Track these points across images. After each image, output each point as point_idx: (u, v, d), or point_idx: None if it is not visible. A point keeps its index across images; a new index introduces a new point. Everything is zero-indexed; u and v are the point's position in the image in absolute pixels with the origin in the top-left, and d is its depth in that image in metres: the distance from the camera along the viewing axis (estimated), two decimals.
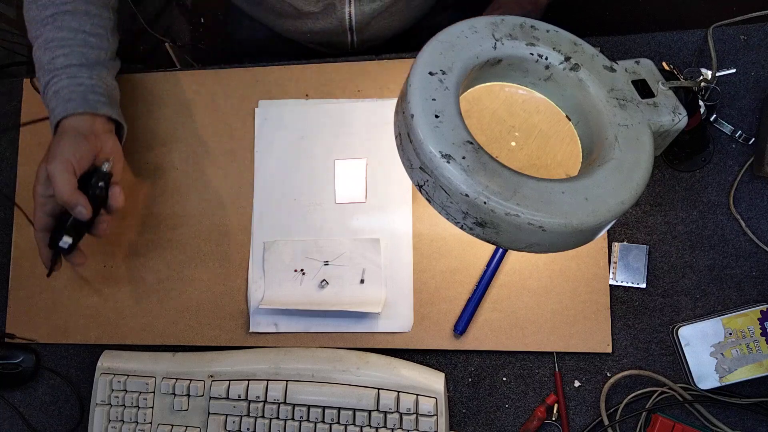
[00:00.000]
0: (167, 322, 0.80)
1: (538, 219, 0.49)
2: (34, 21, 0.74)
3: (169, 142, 0.84)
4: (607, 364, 0.73)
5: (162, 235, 0.82)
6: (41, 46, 0.73)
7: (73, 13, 0.74)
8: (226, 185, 0.82)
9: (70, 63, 0.72)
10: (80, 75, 0.72)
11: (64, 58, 0.72)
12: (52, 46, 0.72)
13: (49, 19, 0.73)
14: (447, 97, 0.53)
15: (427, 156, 0.50)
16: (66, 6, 0.74)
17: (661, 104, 0.59)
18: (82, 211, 0.66)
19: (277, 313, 0.78)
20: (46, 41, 0.73)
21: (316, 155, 0.80)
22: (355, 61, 0.82)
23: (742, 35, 0.76)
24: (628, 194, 0.52)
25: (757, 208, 0.73)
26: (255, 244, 0.80)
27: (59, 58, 0.72)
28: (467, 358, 0.76)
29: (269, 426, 0.74)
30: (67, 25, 0.73)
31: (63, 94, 0.70)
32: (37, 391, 0.83)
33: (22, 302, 0.84)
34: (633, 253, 0.74)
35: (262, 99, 0.83)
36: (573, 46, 0.60)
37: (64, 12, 0.73)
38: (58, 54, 0.72)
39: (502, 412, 0.74)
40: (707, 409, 0.71)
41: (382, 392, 0.72)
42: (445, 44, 0.55)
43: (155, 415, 0.77)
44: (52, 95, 0.71)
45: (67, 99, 0.70)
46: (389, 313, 0.76)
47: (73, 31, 0.73)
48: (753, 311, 0.69)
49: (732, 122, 0.74)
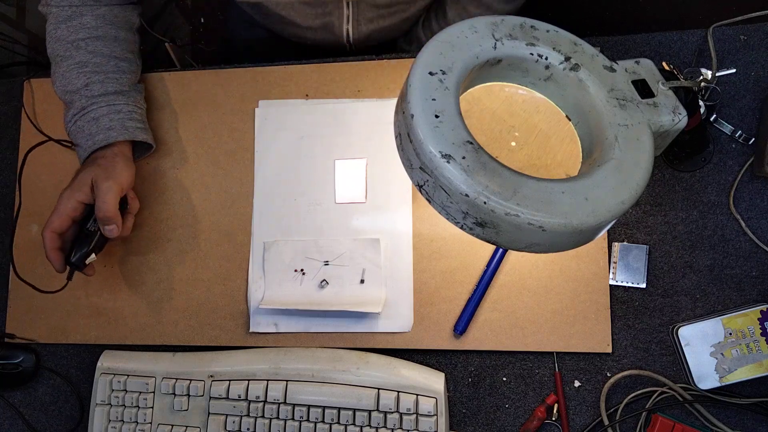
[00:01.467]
0: (167, 322, 0.80)
1: (538, 219, 0.49)
2: (62, 41, 0.78)
3: (169, 142, 0.84)
4: (607, 364, 0.73)
5: (162, 235, 0.82)
6: (72, 68, 0.77)
7: (105, 39, 0.78)
8: (226, 185, 0.82)
9: (106, 91, 0.77)
10: (118, 102, 0.77)
11: (101, 85, 0.76)
12: (86, 71, 0.76)
13: (81, 42, 0.77)
14: (447, 97, 0.53)
15: (427, 156, 0.50)
16: (97, 31, 0.78)
17: (661, 104, 0.59)
18: (114, 229, 0.72)
19: (277, 313, 0.78)
20: (79, 64, 0.77)
21: (316, 155, 0.80)
22: (355, 61, 0.82)
23: (742, 35, 0.76)
24: (628, 194, 0.52)
25: (757, 208, 0.73)
26: (255, 244, 0.80)
27: (95, 84, 0.76)
28: (467, 358, 0.76)
29: (269, 426, 0.74)
30: (99, 51, 0.77)
31: (103, 122, 0.76)
32: (37, 391, 0.83)
33: (22, 302, 0.84)
34: (633, 253, 0.74)
35: (262, 99, 0.83)
36: (573, 46, 0.60)
37: (96, 37, 0.77)
38: (94, 80, 0.76)
39: (502, 412, 0.74)
40: (707, 409, 0.71)
41: (382, 392, 0.72)
42: (445, 44, 0.55)
43: (155, 415, 0.77)
44: (91, 121, 0.76)
45: (108, 128, 0.75)
46: (389, 313, 0.76)
47: (106, 57, 0.78)
48: (753, 311, 0.69)
49: (732, 122, 0.74)
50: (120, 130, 0.75)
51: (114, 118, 0.76)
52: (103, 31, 0.78)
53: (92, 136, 0.75)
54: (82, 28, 0.77)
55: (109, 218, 0.71)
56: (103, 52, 0.77)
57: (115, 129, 0.75)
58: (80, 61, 0.77)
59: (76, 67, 0.76)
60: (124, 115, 0.76)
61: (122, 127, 0.76)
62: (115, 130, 0.75)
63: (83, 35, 0.77)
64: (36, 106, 0.88)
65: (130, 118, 0.77)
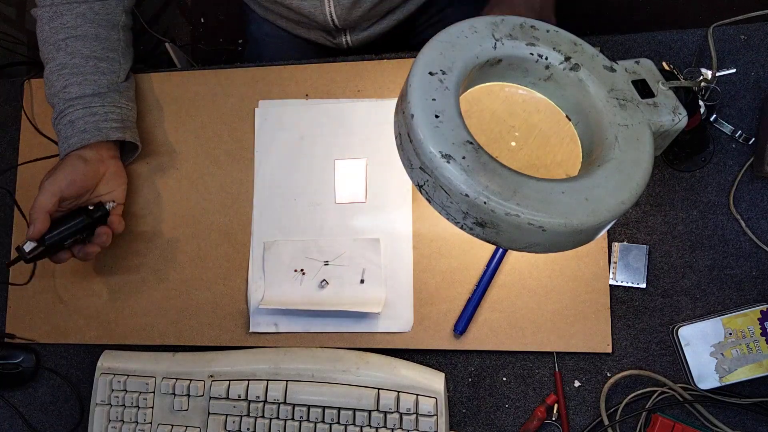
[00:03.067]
0: (167, 322, 0.80)
1: (538, 219, 0.49)
2: (46, 43, 0.77)
3: (169, 142, 0.84)
4: (607, 364, 0.73)
5: (162, 235, 0.82)
6: (54, 71, 0.76)
7: (84, 38, 0.77)
8: (226, 185, 0.82)
9: (83, 93, 0.76)
10: (93, 104, 0.76)
11: (78, 87, 0.76)
12: (65, 74, 0.76)
13: (61, 43, 0.76)
14: (447, 97, 0.53)
15: (427, 156, 0.50)
16: (77, 30, 0.77)
17: (661, 104, 0.59)
18: (30, 229, 0.70)
19: (277, 313, 0.78)
20: (59, 66, 0.76)
21: (316, 155, 0.80)
22: (355, 61, 0.82)
23: (742, 35, 0.76)
24: (628, 194, 0.52)
25: (757, 208, 0.73)
26: (255, 244, 0.80)
27: (73, 86, 0.76)
28: (467, 358, 0.76)
29: (269, 426, 0.74)
30: (78, 51, 0.76)
31: (78, 125, 0.75)
32: (37, 391, 0.83)
33: (22, 302, 0.84)
34: (633, 253, 0.74)
35: (262, 99, 0.83)
36: (573, 46, 0.60)
37: (75, 37, 0.76)
38: (71, 82, 0.76)
39: (502, 412, 0.74)
40: (707, 409, 0.71)
41: (382, 392, 0.72)
42: (445, 44, 0.55)
43: (155, 415, 0.77)
44: (67, 124, 0.75)
45: (82, 130, 0.75)
46: (389, 313, 0.76)
47: (84, 57, 0.76)
48: (753, 311, 0.69)
49: (732, 122, 0.74)
50: (93, 132, 0.74)
51: (89, 120, 0.75)
52: (83, 30, 0.77)
53: (67, 139, 0.75)
54: (62, 28, 0.76)
55: (31, 214, 0.70)
56: (83, 52, 0.76)
57: (89, 131, 0.74)
58: (60, 63, 0.76)
59: (56, 69, 0.76)
60: (99, 117, 0.75)
61: (96, 129, 0.75)
62: (89, 132, 0.74)
63: (63, 35, 0.76)
64: (36, 106, 0.88)
65: (105, 119, 0.76)
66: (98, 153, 0.76)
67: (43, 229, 0.70)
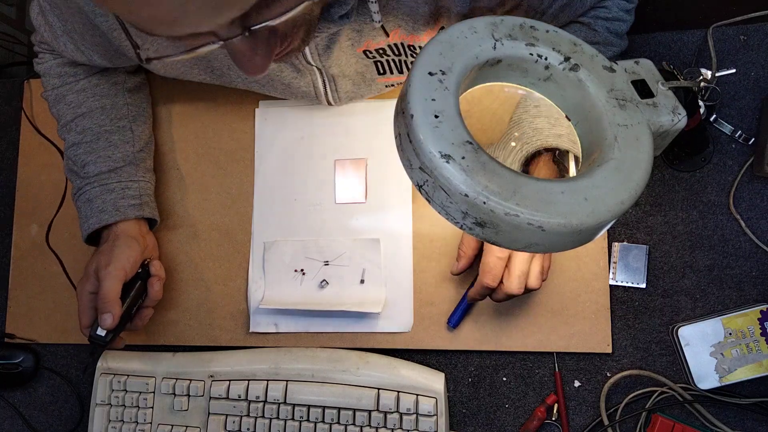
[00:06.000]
0: (167, 322, 0.80)
1: (537, 219, 0.49)
2: (59, 124, 0.78)
3: (169, 142, 0.84)
4: (607, 364, 0.73)
5: (162, 235, 0.82)
6: (70, 150, 0.76)
7: (90, 114, 0.76)
8: (226, 185, 0.82)
9: (99, 171, 0.75)
10: (110, 181, 0.75)
11: (93, 165, 0.75)
12: (80, 153, 0.75)
13: (70, 124, 0.76)
14: (447, 97, 0.53)
15: (426, 156, 0.50)
16: (81, 108, 0.76)
17: (661, 104, 0.59)
18: (108, 320, 0.68)
19: (277, 313, 0.78)
20: (73, 147, 0.76)
21: (316, 155, 0.80)
22: None
23: (742, 35, 0.76)
24: (627, 194, 0.52)
25: (757, 208, 0.73)
26: (255, 244, 0.80)
27: (89, 165, 0.75)
28: (467, 358, 0.76)
29: (269, 426, 0.74)
30: (88, 129, 0.76)
31: (96, 204, 0.74)
32: (37, 391, 0.83)
33: (22, 302, 0.84)
34: (633, 253, 0.74)
35: (262, 99, 0.83)
36: (573, 46, 0.60)
37: (81, 115, 0.76)
38: (87, 161, 0.75)
39: (502, 412, 0.74)
40: (707, 409, 0.71)
41: (382, 392, 0.72)
42: (445, 44, 0.55)
43: (155, 415, 0.77)
44: (86, 203, 0.75)
45: (100, 210, 0.74)
46: (389, 313, 0.76)
47: (95, 134, 0.75)
48: (753, 311, 0.69)
49: (732, 122, 0.74)
50: (111, 212, 0.73)
51: (106, 199, 0.74)
52: (87, 106, 0.76)
53: (87, 218, 0.74)
54: (67, 108, 0.76)
55: (104, 306, 0.68)
56: (92, 129, 0.75)
57: (107, 211, 0.74)
58: (73, 143, 0.76)
59: (72, 149, 0.76)
60: (117, 194, 0.74)
61: (114, 208, 0.74)
62: (107, 212, 0.73)
63: (70, 116, 0.76)
64: (36, 106, 0.88)
65: (122, 196, 0.75)
66: (140, 229, 0.76)
67: (119, 315, 0.69)
